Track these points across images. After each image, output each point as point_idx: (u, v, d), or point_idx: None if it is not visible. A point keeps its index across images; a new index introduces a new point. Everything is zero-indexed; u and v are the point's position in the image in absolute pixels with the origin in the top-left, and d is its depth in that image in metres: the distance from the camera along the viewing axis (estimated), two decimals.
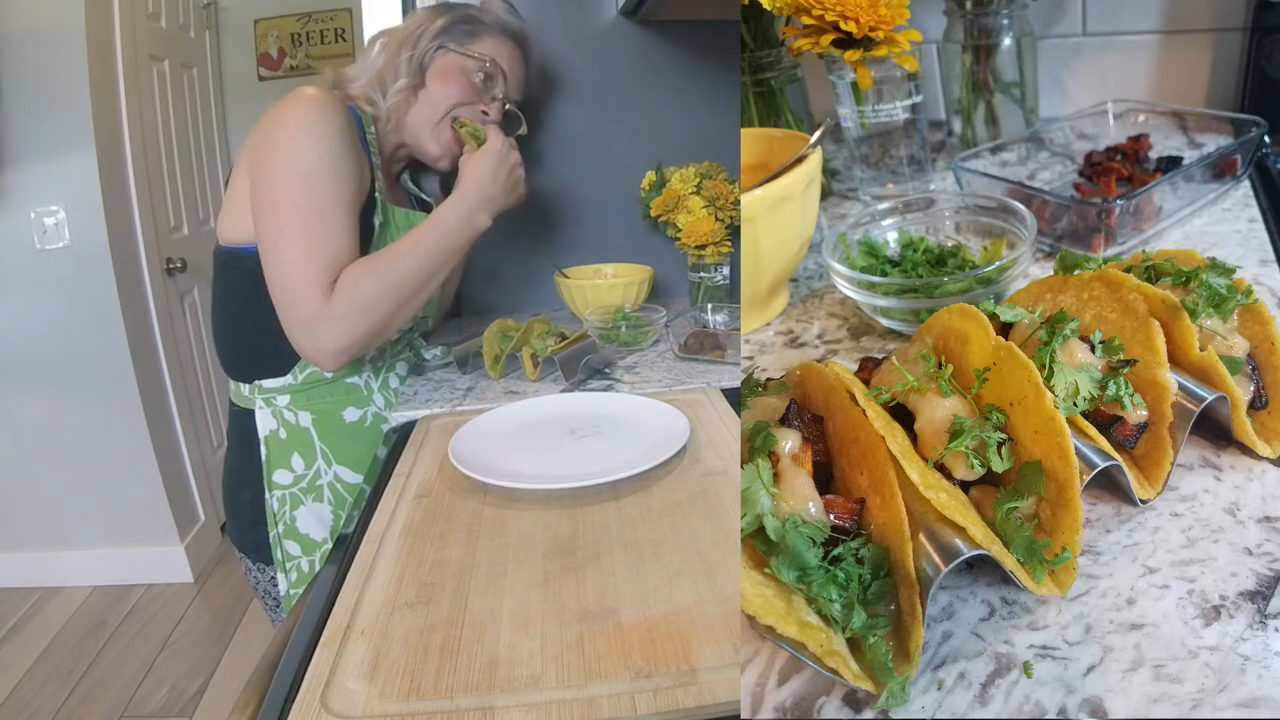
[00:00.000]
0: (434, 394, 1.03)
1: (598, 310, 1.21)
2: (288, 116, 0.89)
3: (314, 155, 0.88)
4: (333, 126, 0.90)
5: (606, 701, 0.46)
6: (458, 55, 1.04)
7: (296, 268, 0.87)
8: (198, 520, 2.42)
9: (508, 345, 1.07)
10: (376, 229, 0.98)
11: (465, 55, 1.04)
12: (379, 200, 0.99)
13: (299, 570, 1.01)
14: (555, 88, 1.43)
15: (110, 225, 2.06)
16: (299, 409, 0.99)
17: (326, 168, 0.88)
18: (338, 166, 0.89)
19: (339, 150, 0.90)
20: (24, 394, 2.15)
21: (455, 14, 1.06)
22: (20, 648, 2.04)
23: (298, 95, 0.91)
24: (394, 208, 1.03)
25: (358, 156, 0.94)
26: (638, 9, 1.29)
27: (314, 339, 0.88)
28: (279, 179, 0.88)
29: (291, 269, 0.87)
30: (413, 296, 0.94)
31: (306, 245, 0.87)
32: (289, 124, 0.89)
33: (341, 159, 0.90)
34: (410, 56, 1.02)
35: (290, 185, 0.87)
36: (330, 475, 1.01)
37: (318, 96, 0.91)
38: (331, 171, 0.89)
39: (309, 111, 0.89)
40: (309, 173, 0.87)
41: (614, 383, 1.04)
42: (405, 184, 1.17)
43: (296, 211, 0.87)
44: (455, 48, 1.04)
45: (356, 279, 0.88)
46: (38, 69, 1.95)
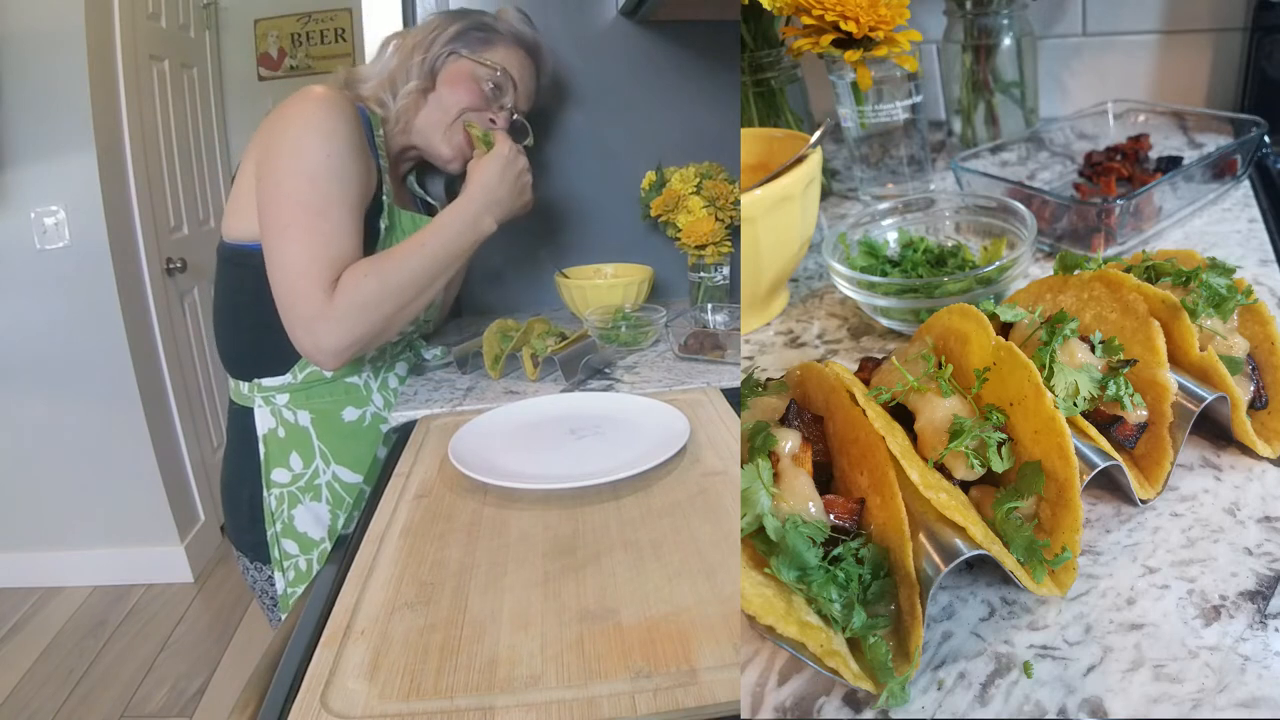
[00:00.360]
0: (434, 394, 1.03)
1: (598, 310, 1.21)
2: (295, 115, 0.89)
3: (321, 154, 0.88)
4: (341, 126, 0.90)
5: (606, 701, 0.46)
6: (470, 62, 1.04)
7: (299, 266, 0.87)
8: (198, 520, 2.42)
9: (508, 345, 1.07)
10: (382, 232, 0.98)
11: (477, 62, 1.04)
12: (386, 203, 0.99)
13: (296, 569, 1.01)
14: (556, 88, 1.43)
15: (110, 225, 2.06)
16: (298, 408, 0.99)
17: (333, 167, 0.88)
18: (344, 166, 0.89)
19: (346, 150, 0.90)
20: (24, 394, 2.15)
21: (470, 20, 1.06)
22: (20, 648, 2.04)
23: (306, 94, 0.91)
24: (400, 211, 1.03)
25: (364, 158, 0.93)
26: (638, 9, 1.29)
27: (314, 337, 0.88)
28: (285, 177, 0.88)
29: (294, 267, 0.87)
30: (415, 298, 0.94)
31: (310, 244, 0.87)
32: (296, 122, 0.89)
33: (348, 159, 0.90)
34: (423, 60, 1.02)
35: (296, 184, 0.87)
36: (329, 474, 1.01)
37: (326, 95, 0.91)
38: (338, 171, 0.89)
39: (317, 110, 0.89)
40: (315, 172, 0.87)
41: (614, 383, 1.04)
42: (411, 185, 1.17)
43: (302, 210, 0.87)
44: (468, 54, 1.04)
45: (359, 279, 0.88)
46: (38, 69, 1.95)
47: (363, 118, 0.97)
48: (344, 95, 0.94)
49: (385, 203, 0.99)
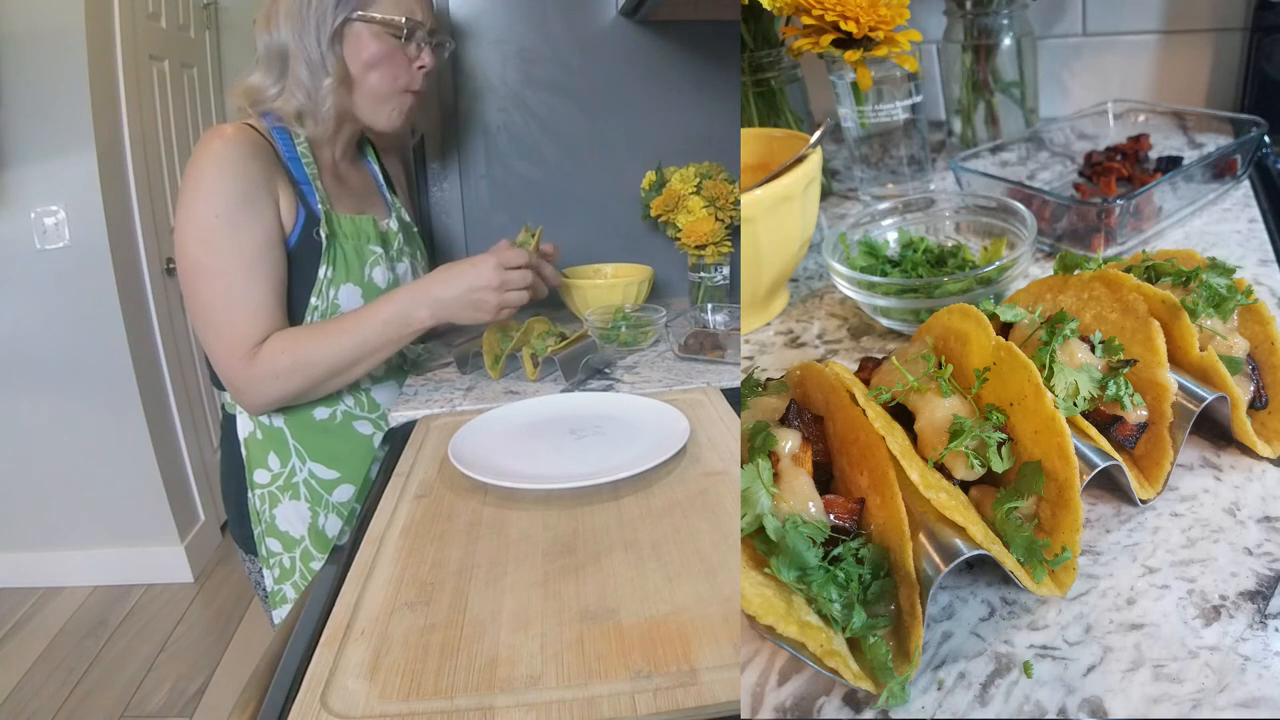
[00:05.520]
0: (434, 394, 1.03)
1: (598, 310, 1.21)
2: (191, 169, 0.88)
3: (209, 215, 0.87)
4: (230, 177, 0.87)
5: (606, 701, 0.46)
6: (365, 25, 0.94)
7: (214, 330, 0.90)
8: (198, 520, 2.42)
9: (508, 345, 1.07)
10: (324, 240, 0.95)
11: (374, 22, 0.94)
12: (323, 212, 0.95)
13: (281, 566, 1.03)
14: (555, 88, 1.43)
15: (110, 225, 2.06)
16: (273, 411, 1.00)
17: (221, 227, 0.87)
18: (235, 221, 0.87)
19: (237, 205, 0.87)
20: (24, 394, 2.15)
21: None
22: (20, 648, 2.03)
23: (206, 142, 0.88)
24: (340, 216, 0.98)
25: (266, 198, 0.90)
26: (638, 9, 1.29)
27: (235, 394, 0.94)
28: (186, 239, 0.88)
29: (209, 331, 0.90)
30: (334, 378, 0.94)
31: (222, 308, 0.89)
32: (189, 181, 0.88)
33: (239, 213, 0.87)
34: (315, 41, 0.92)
35: (196, 248, 0.88)
36: (305, 473, 1.01)
37: (223, 144, 0.88)
38: (234, 227, 0.87)
39: (209, 166, 0.87)
40: (207, 234, 0.87)
41: (614, 383, 1.04)
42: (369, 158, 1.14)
43: (198, 273, 0.88)
44: (361, 15, 0.93)
45: (275, 355, 0.90)
46: (38, 69, 1.95)
47: (278, 138, 0.94)
48: (245, 132, 0.90)
49: (321, 212, 0.95)
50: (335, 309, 0.97)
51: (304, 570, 1.02)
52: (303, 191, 0.95)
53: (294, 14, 0.92)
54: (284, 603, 1.03)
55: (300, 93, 0.93)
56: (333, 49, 0.93)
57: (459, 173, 1.45)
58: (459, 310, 0.96)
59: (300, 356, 0.90)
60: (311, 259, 0.95)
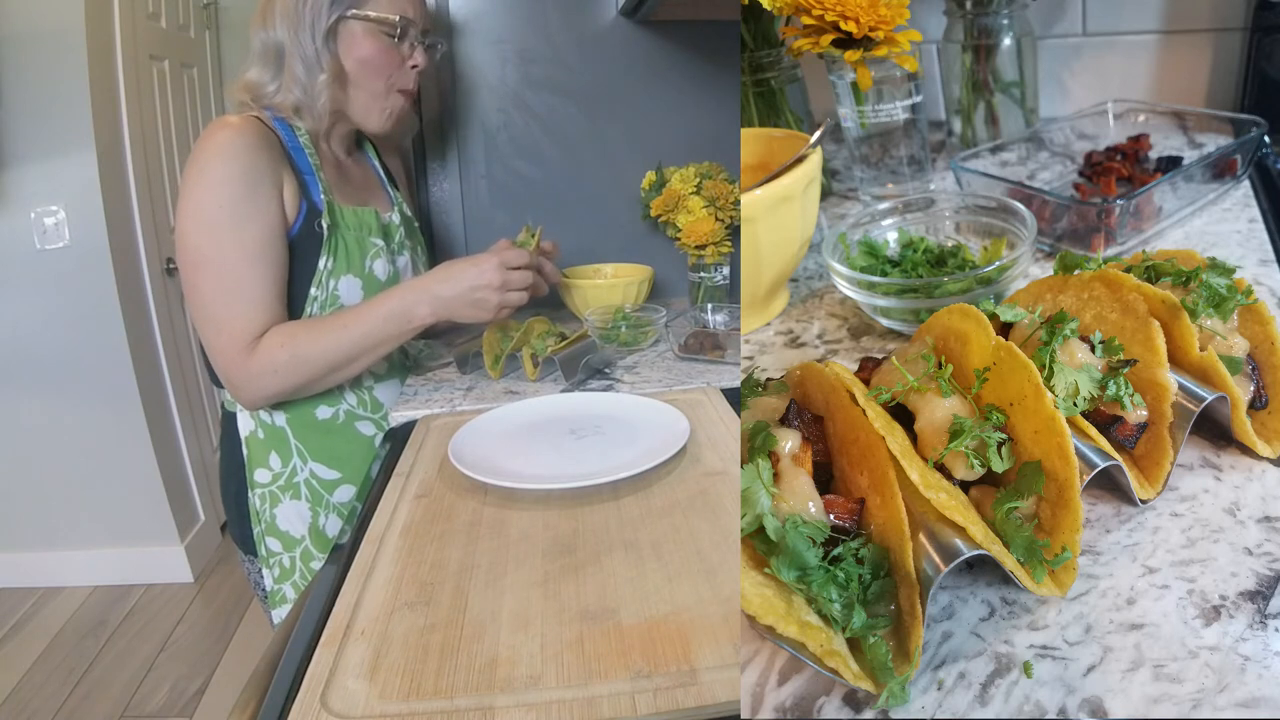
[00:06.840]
0: (434, 394, 1.03)
1: (598, 310, 1.21)
2: (194, 161, 0.88)
3: (213, 205, 0.86)
4: (236, 166, 0.87)
5: (606, 701, 0.46)
6: (360, 23, 0.95)
7: (214, 324, 0.89)
8: (198, 520, 2.42)
9: (508, 345, 1.07)
10: (326, 231, 0.95)
11: (368, 20, 0.95)
12: (325, 203, 0.95)
13: (281, 566, 1.02)
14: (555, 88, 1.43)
15: (110, 225, 2.06)
16: (274, 409, 1.00)
17: (225, 218, 0.86)
18: (238, 211, 0.87)
19: (242, 194, 0.87)
20: (24, 394, 2.15)
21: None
22: (20, 648, 2.03)
23: (210, 132, 0.88)
24: (342, 207, 0.99)
25: (270, 187, 0.90)
26: (638, 9, 1.29)
27: (232, 389, 0.93)
28: (188, 230, 0.88)
29: (208, 324, 0.89)
30: (332, 373, 0.94)
31: (223, 300, 0.88)
32: (192, 171, 0.88)
33: (244, 202, 0.87)
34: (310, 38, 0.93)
35: (198, 238, 0.87)
36: (306, 472, 1.01)
37: (229, 132, 0.88)
38: (237, 217, 0.87)
39: (215, 155, 0.87)
40: (211, 224, 0.87)
41: (614, 383, 1.04)
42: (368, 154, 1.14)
43: (202, 265, 0.88)
44: (355, 14, 0.94)
45: (274, 349, 0.89)
46: (38, 69, 1.95)
47: (281, 129, 0.95)
48: (250, 122, 0.90)
49: (324, 203, 0.95)
50: (335, 300, 0.97)
51: (304, 570, 1.02)
52: (306, 182, 0.95)
53: (289, 11, 0.93)
54: (284, 603, 1.03)
55: (296, 88, 0.94)
56: (327, 46, 0.94)
57: (459, 172, 1.45)
58: (459, 308, 0.96)
59: (299, 351, 0.90)
60: (312, 250, 0.95)
